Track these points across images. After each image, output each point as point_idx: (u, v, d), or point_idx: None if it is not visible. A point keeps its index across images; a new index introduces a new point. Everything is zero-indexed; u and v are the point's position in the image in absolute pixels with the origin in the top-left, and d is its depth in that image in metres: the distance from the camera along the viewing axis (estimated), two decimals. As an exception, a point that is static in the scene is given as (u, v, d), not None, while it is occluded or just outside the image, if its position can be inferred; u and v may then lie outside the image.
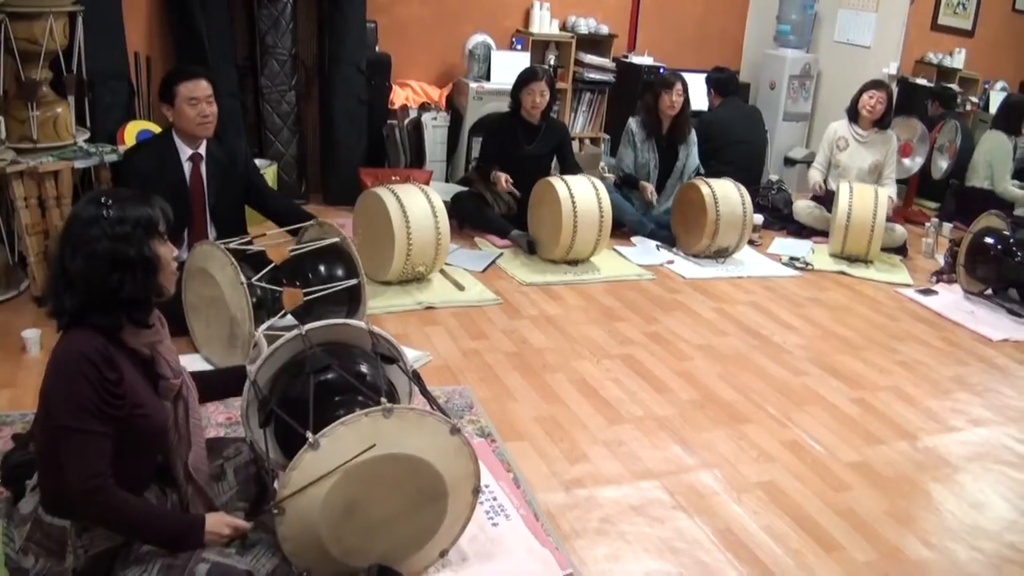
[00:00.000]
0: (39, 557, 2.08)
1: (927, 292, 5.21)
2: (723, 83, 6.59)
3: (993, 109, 7.39)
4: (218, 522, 2.11)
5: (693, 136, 5.91)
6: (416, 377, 2.66)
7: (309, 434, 2.16)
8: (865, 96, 5.95)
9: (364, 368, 2.61)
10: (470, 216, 5.46)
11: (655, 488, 2.94)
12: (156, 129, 4.48)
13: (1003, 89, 7.96)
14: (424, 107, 6.17)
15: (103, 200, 2.02)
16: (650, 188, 5.72)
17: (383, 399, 2.27)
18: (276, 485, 2.47)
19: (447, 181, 6.28)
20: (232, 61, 5.23)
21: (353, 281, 3.68)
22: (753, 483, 3.03)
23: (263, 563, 2.13)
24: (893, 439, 3.43)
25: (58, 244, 2.04)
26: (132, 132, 4.45)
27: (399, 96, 6.16)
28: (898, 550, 2.73)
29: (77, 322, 2.02)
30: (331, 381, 2.49)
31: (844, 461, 3.23)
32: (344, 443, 2.15)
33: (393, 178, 5.60)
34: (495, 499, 2.76)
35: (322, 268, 3.71)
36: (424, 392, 2.59)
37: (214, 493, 2.33)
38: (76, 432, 1.94)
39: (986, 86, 7.99)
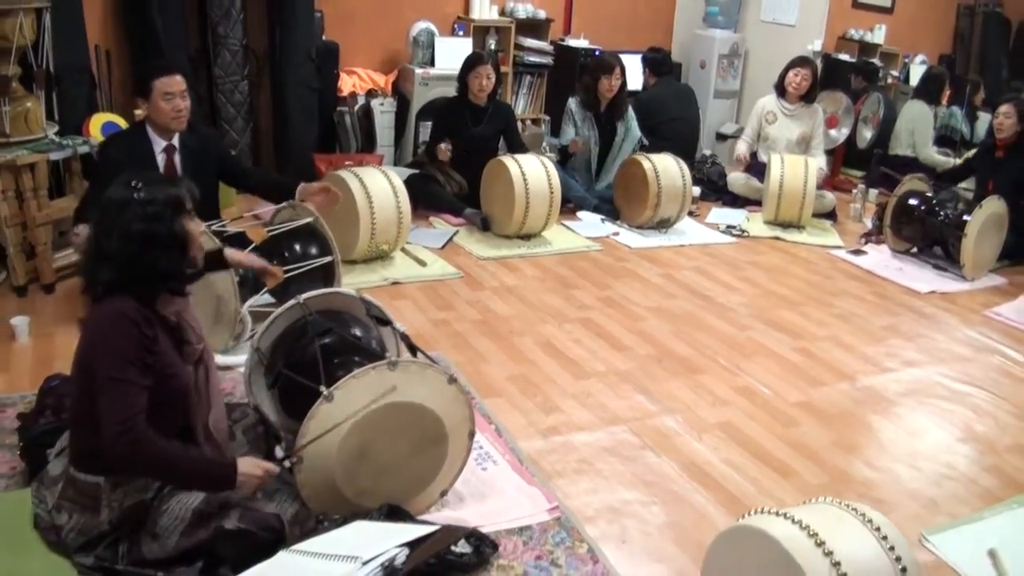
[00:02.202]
0: (72, 513, 2.26)
1: (857, 252, 5.60)
2: (658, 63, 6.89)
3: (913, 82, 7.84)
4: (250, 464, 2.29)
5: (631, 112, 6.18)
6: (405, 337, 2.89)
7: (323, 388, 2.40)
8: (791, 74, 6.30)
9: (359, 331, 2.86)
10: (424, 197, 5.65)
11: (624, 432, 3.22)
12: (120, 121, 4.61)
13: (923, 62, 8.40)
14: (371, 93, 6.36)
15: (133, 184, 2.20)
16: (578, 141, 5.94)
17: (388, 354, 2.51)
18: (283, 444, 2.72)
19: (395, 165, 6.48)
20: (186, 52, 5.35)
21: (329, 258, 3.88)
22: (711, 424, 3.33)
23: (286, 507, 2.34)
24: (834, 381, 3.78)
25: (95, 226, 2.23)
26: (97, 124, 4.57)
27: (346, 83, 6.34)
28: (846, 473, 3.06)
29: (113, 291, 2.19)
30: (332, 343, 2.72)
31: (791, 401, 3.56)
32: (356, 394, 2.38)
33: (346, 163, 5.78)
34: (481, 448, 3.01)
35: (297, 247, 3.90)
36: (412, 349, 2.80)
37: (229, 451, 2.53)
38: (118, 382, 2.11)
39: (906, 60, 8.43)
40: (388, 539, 2.01)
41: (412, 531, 2.11)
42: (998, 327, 4.60)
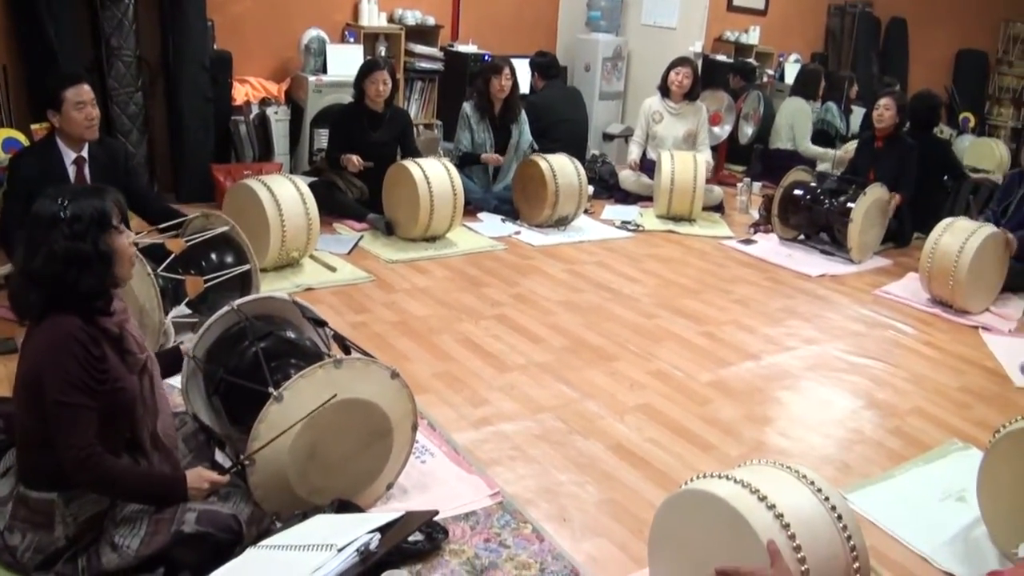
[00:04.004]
0: (26, 533, 2.26)
1: (747, 242, 5.91)
2: (546, 67, 7.08)
3: (788, 80, 8.28)
4: (197, 477, 2.34)
5: (523, 115, 6.34)
6: (339, 337, 2.96)
7: (271, 389, 2.46)
8: (672, 73, 6.58)
9: (293, 334, 2.92)
10: (326, 204, 5.64)
11: (551, 419, 3.37)
12: (20, 136, 4.52)
13: (796, 61, 8.88)
14: (265, 102, 6.35)
15: (59, 200, 2.18)
16: (493, 156, 6.12)
17: (332, 353, 2.58)
18: (227, 450, 2.76)
19: (291, 173, 6.47)
20: (80, 64, 5.26)
21: (247, 267, 3.91)
22: (631, 407, 3.51)
23: (242, 508, 2.38)
24: (740, 360, 4.02)
25: (21, 246, 2.22)
26: (-2, 140, 4.48)
27: (240, 93, 6.31)
28: (762, 443, 3.29)
29: (49, 311, 2.20)
30: (270, 346, 2.78)
31: (703, 381, 3.78)
32: (305, 394, 2.45)
33: (245, 172, 5.77)
34: (418, 442, 3.08)
35: (213, 256, 3.92)
36: (346, 349, 2.88)
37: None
38: (67, 407, 2.13)
39: (781, 59, 8.88)
40: (358, 527, 2.09)
41: (379, 518, 2.20)
42: (887, 304, 4.97)
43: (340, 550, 1.96)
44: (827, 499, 2.01)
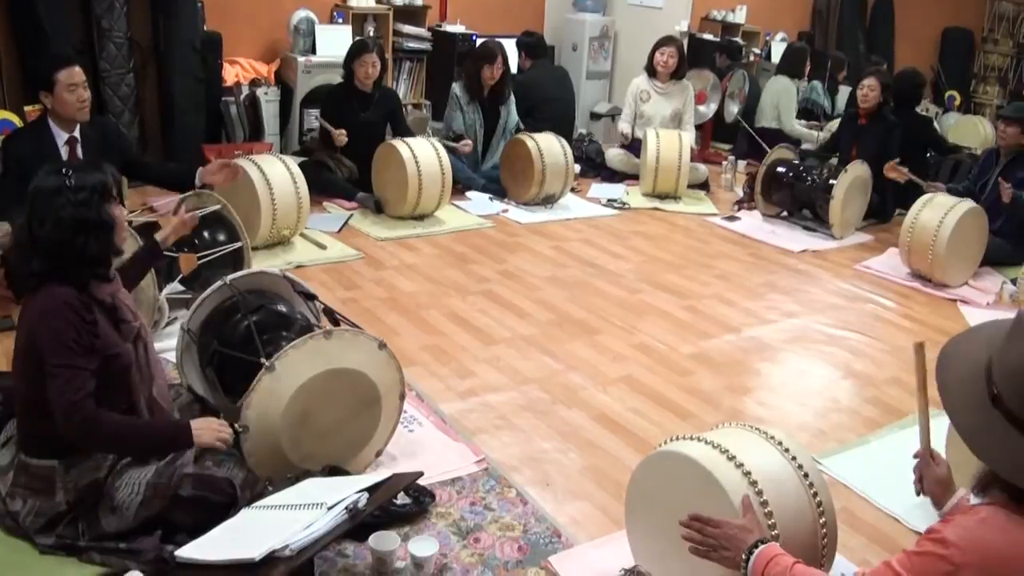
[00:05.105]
0: (27, 499, 2.35)
1: (731, 219, 6.01)
2: (533, 46, 7.13)
3: (775, 59, 8.35)
4: (202, 421, 2.43)
5: (512, 96, 6.42)
6: (329, 311, 3.05)
7: (263, 360, 2.55)
8: (657, 54, 6.66)
9: (284, 307, 3.01)
10: (316, 183, 5.71)
11: (535, 390, 3.47)
12: (14, 118, 4.58)
13: (783, 40, 8.94)
14: (255, 83, 6.41)
15: (64, 171, 2.30)
16: (461, 144, 6.12)
17: (322, 325, 2.67)
18: (221, 418, 2.84)
19: (281, 153, 6.53)
20: (71, 46, 5.31)
21: (238, 244, 4.00)
22: (614, 378, 3.61)
23: (236, 472, 2.48)
24: (721, 333, 4.13)
25: (26, 215, 2.32)
26: (-11, 121, 4.55)
27: (230, 73, 6.37)
28: (740, 412, 3.40)
29: (46, 280, 2.29)
30: (262, 320, 2.87)
31: (684, 353, 3.88)
32: (296, 364, 2.54)
33: (236, 153, 5.82)
34: (406, 412, 3.18)
35: (206, 234, 4.00)
36: (336, 322, 2.96)
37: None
38: (63, 368, 2.22)
39: (767, 38, 8.94)
40: (347, 487, 2.19)
41: (367, 479, 2.29)
42: (868, 278, 5.08)
43: (330, 508, 2.06)
44: (794, 458, 2.11)
